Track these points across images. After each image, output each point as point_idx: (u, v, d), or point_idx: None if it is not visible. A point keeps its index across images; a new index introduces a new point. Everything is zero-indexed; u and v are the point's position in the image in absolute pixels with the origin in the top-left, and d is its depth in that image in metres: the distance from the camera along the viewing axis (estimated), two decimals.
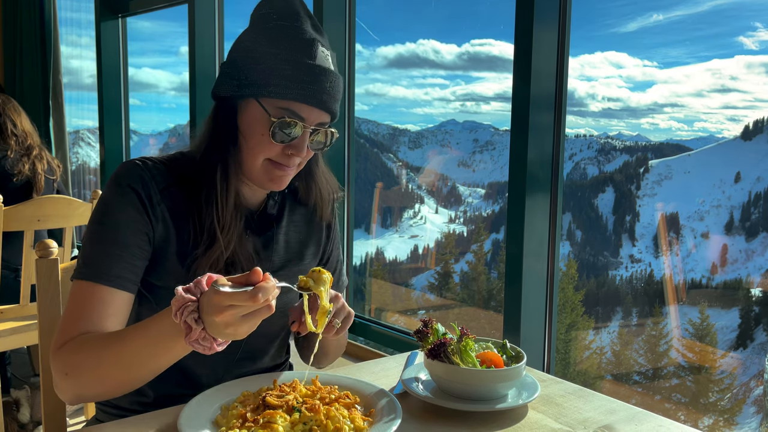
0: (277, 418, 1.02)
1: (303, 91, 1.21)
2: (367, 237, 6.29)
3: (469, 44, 7.57)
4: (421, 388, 1.26)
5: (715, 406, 3.88)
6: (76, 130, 5.29)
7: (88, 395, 1.17)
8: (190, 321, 0.98)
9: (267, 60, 1.21)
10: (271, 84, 1.21)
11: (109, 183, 1.26)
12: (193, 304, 0.99)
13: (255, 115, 1.23)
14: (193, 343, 0.99)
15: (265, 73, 1.21)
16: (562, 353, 4.25)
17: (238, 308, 0.94)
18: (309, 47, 1.23)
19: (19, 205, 2.65)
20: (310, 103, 1.22)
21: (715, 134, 5.44)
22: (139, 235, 1.21)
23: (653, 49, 5.13)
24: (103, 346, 1.11)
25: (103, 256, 1.19)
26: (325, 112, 1.26)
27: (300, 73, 1.21)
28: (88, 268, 1.18)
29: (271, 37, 1.24)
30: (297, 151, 1.24)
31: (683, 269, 4.94)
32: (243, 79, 1.23)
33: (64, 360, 1.13)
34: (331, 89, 1.24)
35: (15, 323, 2.79)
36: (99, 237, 1.21)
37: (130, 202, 1.22)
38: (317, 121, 1.25)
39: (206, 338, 0.99)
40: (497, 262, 5.41)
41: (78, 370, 1.12)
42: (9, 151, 3.17)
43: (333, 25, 2.70)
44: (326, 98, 1.24)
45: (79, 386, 1.13)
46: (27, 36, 4.72)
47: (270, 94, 1.21)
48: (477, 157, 7.97)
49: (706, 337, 4.10)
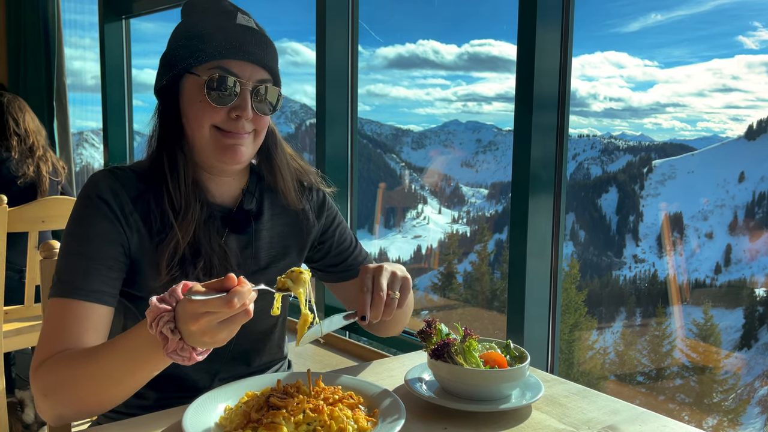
0: (281, 419, 1.02)
1: (228, 46, 1.20)
2: (370, 237, 6.29)
3: (468, 45, 7.58)
4: (424, 389, 1.26)
5: (719, 407, 3.87)
6: (79, 131, 5.30)
7: (68, 414, 1.12)
8: (165, 332, 0.94)
9: (189, 35, 1.23)
10: (196, 51, 1.21)
11: (80, 196, 1.23)
12: (168, 314, 0.95)
13: (190, 86, 1.23)
14: (171, 355, 0.96)
15: (190, 46, 1.22)
16: (566, 353, 4.24)
17: (213, 315, 0.91)
18: (230, 14, 1.25)
19: (23, 206, 2.65)
20: (239, 57, 1.21)
21: (719, 134, 5.44)
22: (113, 247, 1.19)
23: (654, 49, 5.14)
24: (79, 363, 1.07)
25: (77, 271, 1.15)
26: (260, 67, 1.24)
27: (223, 33, 1.21)
28: (63, 285, 1.15)
29: (191, 17, 1.27)
30: (241, 110, 1.20)
31: (687, 269, 4.93)
32: (172, 61, 1.24)
33: (42, 380, 1.10)
34: (258, 43, 1.23)
35: (20, 324, 2.80)
36: (72, 251, 1.18)
37: (101, 215, 1.19)
38: (255, 78, 1.23)
39: (184, 348, 0.96)
40: (500, 263, 5.40)
41: (56, 389, 1.08)
42: (13, 152, 3.16)
43: (336, 26, 2.70)
44: (255, 51, 1.22)
45: (59, 406, 1.10)
46: (31, 37, 4.73)
47: (198, 61, 1.21)
48: (480, 158, 7.96)
49: (710, 337, 4.10)
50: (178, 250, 1.22)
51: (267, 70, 1.25)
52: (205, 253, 1.24)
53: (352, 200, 2.85)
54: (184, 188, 1.24)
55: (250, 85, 1.21)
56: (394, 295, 1.16)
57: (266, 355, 1.44)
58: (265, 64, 1.24)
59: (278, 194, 1.40)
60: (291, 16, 15.78)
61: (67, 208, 2.76)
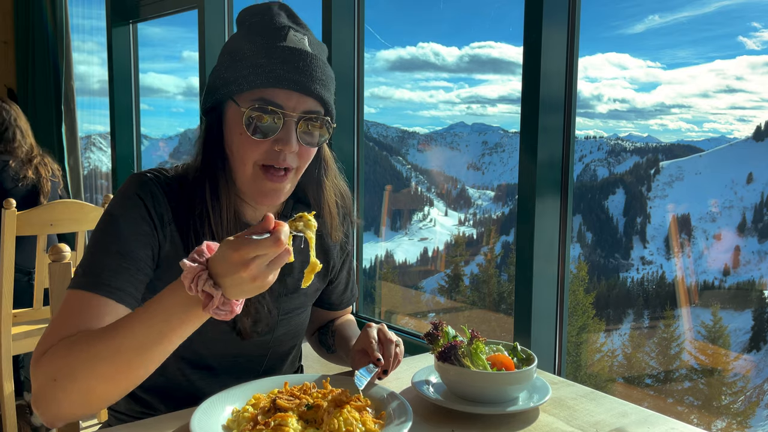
0: (288, 421, 1.03)
1: (272, 73, 1.10)
2: (376, 240, 6.29)
3: (469, 47, 7.59)
4: (431, 391, 1.26)
5: (728, 409, 3.85)
6: (87, 135, 5.33)
7: (76, 404, 1.01)
8: (208, 289, 0.91)
9: (237, 56, 1.15)
10: (240, 77, 1.12)
11: (120, 193, 1.19)
12: (205, 273, 0.92)
13: (232, 115, 1.15)
14: (213, 311, 0.93)
15: (234, 69, 1.14)
16: (573, 356, 4.23)
17: (263, 257, 0.90)
18: (278, 32, 1.14)
19: (31, 210, 2.67)
20: (284, 85, 1.11)
21: (726, 135, 5.42)
22: (145, 249, 1.14)
23: (658, 51, 5.14)
24: (99, 339, 0.99)
25: (104, 267, 1.10)
26: (308, 96, 1.13)
27: (269, 58, 1.11)
28: (87, 278, 1.09)
29: (242, 35, 1.18)
30: (284, 144, 1.11)
31: (695, 271, 4.90)
32: (219, 83, 1.17)
33: (51, 363, 1.01)
34: (308, 70, 1.12)
35: (28, 327, 2.81)
36: (103, 246, 1.13)
37: (139, 216, 1.15)
38: (301, 109, 1.13)
39: (226, 303, 0.93)
40: (507, 265, 5.39)
41: (70, 371, 0.99)
42: (12, 161, 3.25)
43: (341, 29, 2.71)
44: (303, 79, 1.12)
45: (70, 391, 0.99)
46: (39, 42, 4.76)
47: (241, 88, 1.12)
48: (486, 159, 7.96)
49: (718, 339, 4.08)
50: None
51: (316, 98, 1.15)
52: None
53: (358, 203, 2.85)
54: (227, 224, 1.19)
55: (295, 117, 1.12)
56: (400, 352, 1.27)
57: (283, 371, 1.45)
58: (313, 92, 1.13)
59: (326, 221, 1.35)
60: None
61: (74, 212, 2.78)
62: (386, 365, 1.25)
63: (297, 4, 1.90)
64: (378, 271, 6.17)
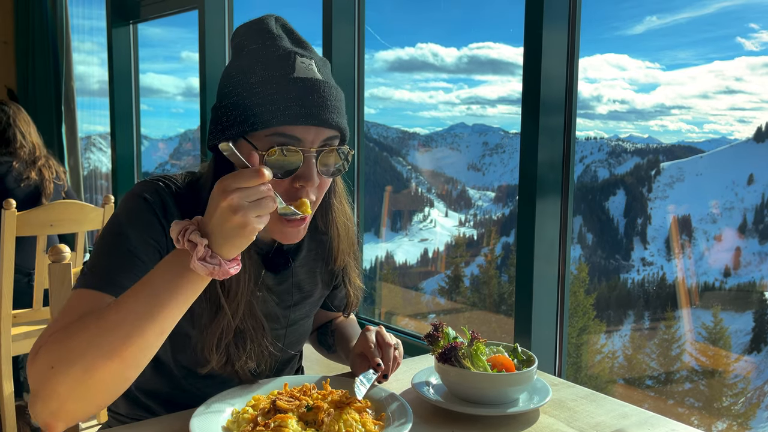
0: (288, 422, 1.02)
1: (288, 110, 1.06)
2: (377, 241, 6.29)
3: (467, 48, 7.59)
4: (431, 392, 1.25)
5: (729, 411, 3.85)
6: (87, 135, 5.33)
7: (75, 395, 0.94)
8: (193, 238, 0.89)
9: (244, 91, 1.08)
10: (252, 115, 1.06)
11: (129, 197, 1.16)
12: (192, 226, 0.91)
13: (247, 153, 1.05)
14: (201, 263, 0.89)
15: (244, 106, 1.07)
16: (574, 357, 4.23)
17: (244, 191, 0.88)
18: (285, 61, 1.09)
19: (31, 210, 2.67)
20: (301, 121, 1.06)
21: (727, 136, 5.41)
22: (154, 254, 1.11)
23: (658, 52, 5.14)
24: (98, 317, 0.95)
25: (112, 267, 1.08)
26: (324, 127, 1.09)
27: (281, 94, 1.06)
28: (94, 277, 1.07)
29: (244, 66, 1.11)
30: (305, 180, 1.07)
31: (696, 272, 4.90)
32: (226, 121, 1.11)
33: (49, 351, 0.95)
34: (323, 101, 1.09)
35: (28, 327, 2.81)
36: (111, 248, 1.11)
37: (148, 221, 1.13)
38: (319, 140, 1.09)
39: (213, 256, 0.90)
40: (508, 266, 5.39)
41: (68, 354, 0.93)
42: (15, 162, 3.24)
43: (342, 30, 2.71)
44: (318, 111, 1.08)
45: (69, 377, 0.93)
46: (39, 42, 4.77)
47: (254, 127, 1.07)
48: (487, 160, 7.95)
49: (719, 340, 4.07)
50: (227, 331, 1.16)
51: (333, 128, 1.11)
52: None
53: (359, 204, 2.85)
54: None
55: (314, 151, 1.08)
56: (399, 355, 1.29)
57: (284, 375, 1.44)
58: (330, 124, 1.10)
59: (328, 237, 1.34)
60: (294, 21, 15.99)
61: (74, 212, 2.77)
62: (386, 370, 1.25)
63: (297, 5, 1.90)
64: (378, 272, 6.17)
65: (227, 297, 1.14)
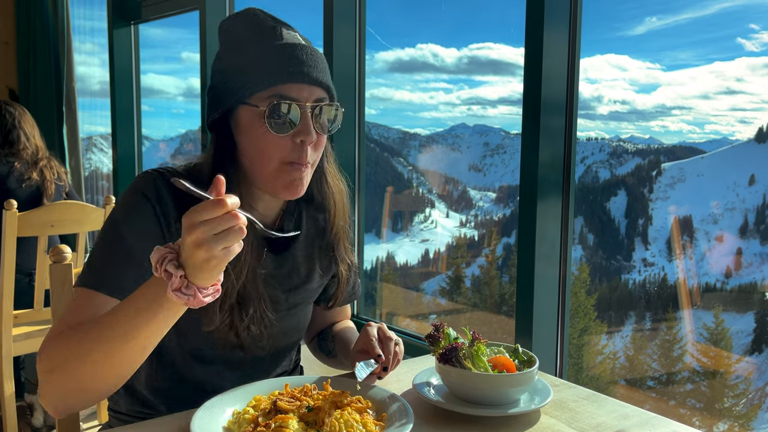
0: (289, 423, 1.02)
1: (282, 70, 1.16)
2: (377, 241, 6.28)
3: (467, 48, 7.59)
4: (432, 393, 1.25)
5: (730, 412, 3.84)
6: (88, 136, 5.34)
7: (73, 392, 1.07)
8: (169, 268, 0.92)
9: (238, 64, 1.19)
10: (249, 81, 1.16)
11: (127, 193, 1.21)
12: (172, 254, 0.94)
13: (248, 118, 1.18)
14: (176, 293, 0.92)
15: (240, 75, 1.17)
16: (575, 358, 4.23)
17: (208, 223, 0.89)
18: (272, 31, 1.20)
19: (32, 211, 2.67)
20: (294, 80, 1.17)
21: (728, 136, 5.40)
22: (150, 247, 1.10)
23: (658, 52, 5.13)
24: (87, 329, 1.04)
25: (110, 267, 1.14)
26: (315, 86, 1.19)
27: (274, 57, 1.17)
28: (93, 277, 1.13)
29: (235, 42, 1.21)
30: (305, 135, 1.17)
31: (697, 273, 4.89)
32: (224, 94, 1.20)
33: (49, 357, 1.06)
34: (310, 61, 1.19)
35: (29, 328, 2.81)
36: (109, 247, 1.16)
37: (145, 215, 1.17)
38: (312, 98, 1.19)
39: (189, 286, 0.93)
40: (509, 267, 5.39)
41: (63, 361, 1.04)
42: (17, 163, 3.25)
43: (343, 31, 2.71)
44: (308, 70, 1.18)
45: (67, 380, 1.04)
46: (40, 43, 4.77)
47: (252, 91, 1.17)
48: (488, 161, 7.95)
49: (720, 341, 4.06)
50: (230, 294, 1.20)
51: (322, 87, 1.21)
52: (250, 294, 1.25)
53: (359, 205, 2.85)
54: None
55: (309, 107, 1.18)
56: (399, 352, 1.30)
57: (282, 368, 1.45)
58: (320, 82, 1.20)
59: (324, 213, 1.38)
60: (295, 21, 16.00)
61: (75, 213, 2.78)
62: (386, 362, 1.26)
63: (298, 5, 1.89)
64: (379, 272, 6.16)
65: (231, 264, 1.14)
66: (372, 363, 1.25)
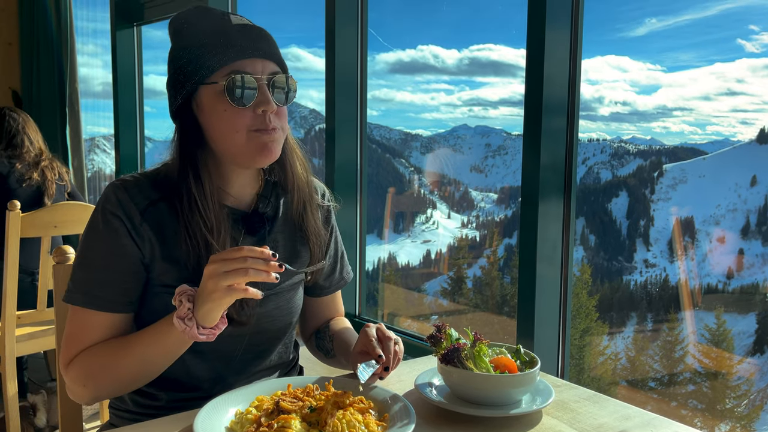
0: (292, 423, 1.03)
1: (236, 47, 1.22)
2: (379, 242, 6.28)
3: (468, 50, 7.60)
4: (434, 393, 1.26)
5: (732, 413, 3.84)
6: (91, 137, 5.34)
7: (104, 395, 1.26)
8: (183, 299, 1.10)
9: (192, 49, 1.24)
10: (206, 62, 1.22)
11: (94, 210, 1.27)
12: (192, 292, 1.12)
13: (209, 97, 1.24)
14: (178, 320, 1.09)
15: (197, 58, 1.23)
16: (577, 359, 4.23)
17: (223, 261, 1.06)
18: (221, 17, 1.26)
19: (36, 212, 2.68)
20: (249, 55, 1.23)
21: (730, 138, 5.40)
22: (126, 259, 1.23)
23: (659, 54, 5.14)
24: (113, 351, 1.21)
25: (92, 283, 1.22)
26: (269, 60, 1.26)
27: (226, 37, 1.23)
28: (80, 295, 1.22)
29: (187, 31, 1.27)
30: (265, 104, 1.22)
31: (698, 274, 4.89)
32: (182, 79, 1.25)
33: (78, 372, 1.22)
34: (261, 38, 1.26)
35: (32, 328, 2.82)
36: (88, 262, 1.24)
37: (113, 229, 1.22)
38: (267, 71, 1.25)
39: (191, 318, 1.10)
40: (510, 268, 5.39)
41: (94, 377, 1.21)
42: (18, 164, 3.27)
43: (345, 32, 2.71)
44: (261, 45, 1.25)
45: (98, 390, 1.24)
46: (43, 44, 4.78)
47: (211, 70, 1.22)
48: (489, 162, 7.95)
49: (722, 342, 4.06)
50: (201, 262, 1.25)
51: (275, 61, 1.28)
52: None
53: (361, 205, 2.86)
54: (214, 204, 1.26)
55: (265, 79, 1.24)
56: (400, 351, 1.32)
57: (278, 355, 1.44)
58: (272, 56, 1.27)
59: (292, 193, 1.40)
60: (295, 23, 16.03)
61: (78, 214, 2.78)
62: (387, 362, 1.26)
63: (301, 8, 1.89)
64: (381, 273, 6.17)
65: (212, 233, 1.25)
66: (373, 364, 1.26)
